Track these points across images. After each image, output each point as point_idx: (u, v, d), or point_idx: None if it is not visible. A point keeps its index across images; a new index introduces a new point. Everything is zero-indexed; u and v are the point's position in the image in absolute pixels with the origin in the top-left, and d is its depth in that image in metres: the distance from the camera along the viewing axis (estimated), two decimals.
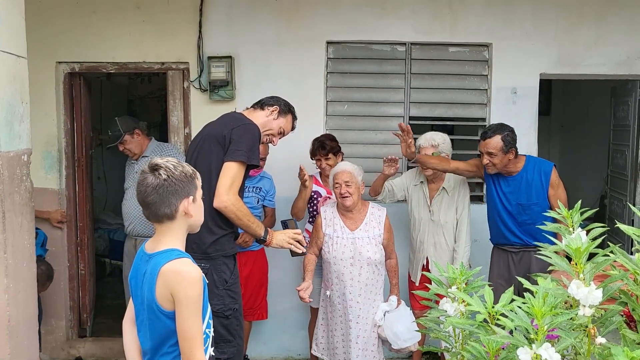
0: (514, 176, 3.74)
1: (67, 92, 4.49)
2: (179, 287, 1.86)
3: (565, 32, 4.48)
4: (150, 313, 1.93)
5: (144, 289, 1.94)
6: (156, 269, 1.90)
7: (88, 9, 4.37)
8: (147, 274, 1.93)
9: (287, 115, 3.16)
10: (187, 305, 1.86)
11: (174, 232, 1.99)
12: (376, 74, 4.52)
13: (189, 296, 1.86)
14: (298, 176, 3.86)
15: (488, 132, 3.66)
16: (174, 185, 1.93)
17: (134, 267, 2.06)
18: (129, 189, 4.21)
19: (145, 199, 1.94)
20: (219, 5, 4.39)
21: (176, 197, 1.94)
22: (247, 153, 2.82)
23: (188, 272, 1.89)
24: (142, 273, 1.97)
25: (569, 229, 1.72)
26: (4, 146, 2.45)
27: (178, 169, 1.96)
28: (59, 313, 4.54)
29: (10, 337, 2.48)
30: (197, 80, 4.40)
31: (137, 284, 2.02)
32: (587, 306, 1.38)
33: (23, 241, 2.61)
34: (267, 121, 3.09)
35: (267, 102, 3.14)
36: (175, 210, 1.95)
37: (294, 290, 4.45)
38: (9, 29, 2.50)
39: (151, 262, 1.94)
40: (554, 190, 3.68)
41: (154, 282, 1.89)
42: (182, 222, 1.99)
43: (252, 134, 2.89)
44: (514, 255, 3.82)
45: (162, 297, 1.89)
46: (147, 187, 1.93)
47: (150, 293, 1.91)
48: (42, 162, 4.38)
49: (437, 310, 1.85)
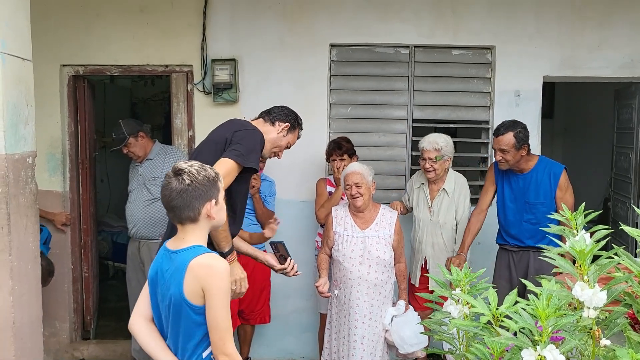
0: (524, 174, 3.78)
1: (71, 94, 4.50)
2: (210, 279, 1.92)
3: (568, 35, 4.48)
4: (176, 310, 1.97)
5: (170, 286, 1.98)
6: (184, 264, 1.95)
7: (92, 12, 4.39)
8: (173, 271, 1.98)
9: (296, 130, 3.09)
10: (219, 296, 1.92)
11: (196, 232, 2.06)
12: (379, 77, 4.53)
13: (220, 288, 1.93)
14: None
15: (500, 129, 3.69)
16: (197, 189, 2.00)
17: (155, 266, 2.10)
18: (132, 192, 4.21)
19: (169, 203, 2.01)
20: (223, 8, 4.41)
21: (199, 201, 2.01)
22: (244, 155, 2.73)
23: (218, 265, 1.96)
24: (166, 271, 2.02)
25: (572, 231, 1.72)
26: (9, 148, 2.46)
27: (201, 174, 2.03)
28: (62, 315, 4.55)
29: (15, 338, 2.48)
30: (200, 82, 4.42)
31: (159, 282, 2.05)
32: (592, 308, 1.38)
33: (28, 243, 2.62)
34: (277, 138, 3.02)
35: (278, 116, 3.04)
36: (199, 214, 2.02)
37: (298, 293, 4.49)
38: (15, 32, 2.52)
39: (177, 258, 1.99)
40: (562, 193, 3.70)
41: (182, 277, 1.94)
42: (204, 224, 2.07)
43: (253, 139, 2.83)
44: (514, 255, 3.87)
45: (191, 291, 1.94)
46: (171, 191, 2.00)
47: (177, 289, 1.95)
48: (46, 164, 4.39)
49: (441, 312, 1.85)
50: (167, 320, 2.04)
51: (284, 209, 4.18)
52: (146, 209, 4.07)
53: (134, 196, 4.16)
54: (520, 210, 3.78)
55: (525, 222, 3.76)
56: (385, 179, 4.51)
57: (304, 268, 4.29)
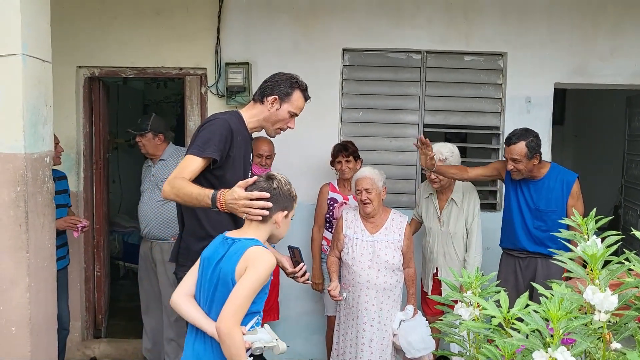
0: (535, 181, 3.76)
1: (86, 96, 4.57)
2: (253, 262, 2.15)
3: (580, 42, 4.49)
4: (223, 286, 2.19)
5: (222, 266, 2.21)
6: (243, 249, 2.19)
7: (109, 14, 4.46)
8: (230, 253, 2.21)
9: (292, 94, 2.80)
10: (251, 277, 2.12)
11: (260, 230, 2.29)
12: (391, 82, 4.56)
13: (256, 271, 2.13)
14: None
15: (512, 139, 3.66)
16: (278, 196, 2.28)
17: (211, 250, 2.30)
18: (145, 192, 4.25)
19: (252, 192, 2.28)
20: (237, 12, 4.45)
21: (276, 206, 2.27)
22: (200, 147, 2.59)
23: (267, 258, 2.19)
24: (221, 254, 2.24)
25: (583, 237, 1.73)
26: (29, 148, 2.51)
27: (287, 187, 2.33)
28: (75, 314, 4.58)
29: (31, 334, 2.53)
30: (214, 85, 4.47)
31: (212, 263, 2.26)
32: (603, 312, 1.40)
33: (44, 241, 2.67)
34: (271, 114, 2.79)
35: (264, 92, 2.81)
36: (270, 216, 2.27)
37: (306, 295, 4.52)
38: (36, 34, 2.57)
39: (237, 244, 2.23)
40: (574, 201, 3.69)
41: (238, 259, 2.17)
42: (269, 227, 2.31)
43: (209, 130, 2.65)
44: (521, 261, 3.85)
45: (239, 273, 2.16)
46: (258, 189, 2.28)
47: (229, 267, 2.18)
48: (62, 164, 4.43)
49: (452, 315, 1.87)
50: (212, 296, 2.24)
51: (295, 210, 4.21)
52: (158, 209, 4.11)
53: (147, 197, 4.20)
54: (530, 216, 3.76)
55: (535, 228, 3.75)
56: (396, 183, 4.54)
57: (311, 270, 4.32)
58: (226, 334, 2.09)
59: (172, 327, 4.16)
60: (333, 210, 4.10)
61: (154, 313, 4.34)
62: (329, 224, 4.15)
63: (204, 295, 2.28)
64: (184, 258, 2.77)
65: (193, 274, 2.36)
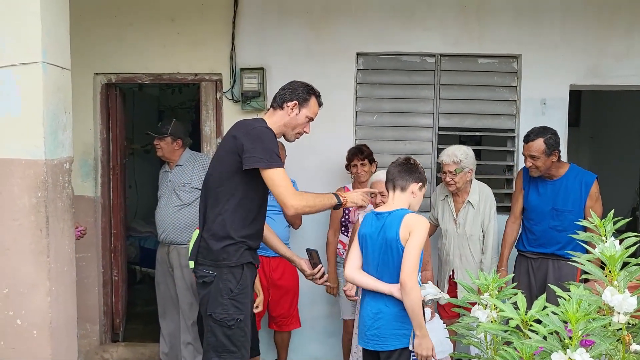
0: (553, 180, 3.76)
1: (103, 102, 4.62)
2: (417, 226, 2.70)
3: (595, 43, 4.46)
4: (391, 251, 2.73)
5: (386, 235, 2.74)
6: (400, 218, 2.73)
7: (125, 21, 4.51)
8: (388, 223, 2.75)
9: (309, 100, 2.95)
10: (417, 238, 2.68)
11: (402, 199, 2.84)
12: (405, 85, 4.56)
13: (420, 233, 2.69)
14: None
15: (530, 136, 3.68)
16: (414, 170, 2.88)
17: (368, 225, 2.85)
18: (162, 197, 4.29)
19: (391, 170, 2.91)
20: (251, 18, 4.49)
21: (412, 177, 2.85)
22: (277, 159, 2.75)
23: (423, 220, 2.76)
24: (380, 226, 2.78)
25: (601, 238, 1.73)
26: (49, 154, 2.54)
27: (420, 165, 2.95)
28: (93, 318, 4.64)
29: (52, 338, 2.56)
30: (229, 91, 4.50)
31: (373, 236, 2.80)
32: (622, 313, 1.40)
33: (64, 246, 2.70)
34: (291, 120, 2.92)
35: (283, 98, 2.93)
36: (407, 186, 2.84)
37: (323, 298, 4.52)
38: (55, 42, 2.61)
39: (392, 215, 2.78)
40: (592, 202, 3.68)
41: (398, 226, 2.71)
42: (408, 198, 2.86)
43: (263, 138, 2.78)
44: (533, 262, 3.86)
45: (403, 237, 2.70)
46: (396, 166, 2.90)
47: (393, 234, 2.72)
48: (79, 170, 4.50)
49: (469, 317, 1.87)
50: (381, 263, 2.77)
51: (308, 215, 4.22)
52: (176, 214, 4.15)
53: (164, 202, 4.24)
54: (547, 216, 3.76)
55: (551, 228, 3.75)
56: None
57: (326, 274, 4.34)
58: (411, 287, 2.59)
59: (189, 331, 4.19)
60: (348, 213, 4.11)
61: (171, 317, 4.37)
62: (344, 227, 4.16)
63: (372, 264, 2.81)
64: (203, 257, 2.87)
65: (356, 251, 2.88)
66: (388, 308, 2.76)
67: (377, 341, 2.81)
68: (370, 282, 2.80)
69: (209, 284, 2.85)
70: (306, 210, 2.81)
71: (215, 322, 2.83)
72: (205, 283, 2.86)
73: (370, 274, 2.81)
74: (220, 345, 2.83)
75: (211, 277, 2.84)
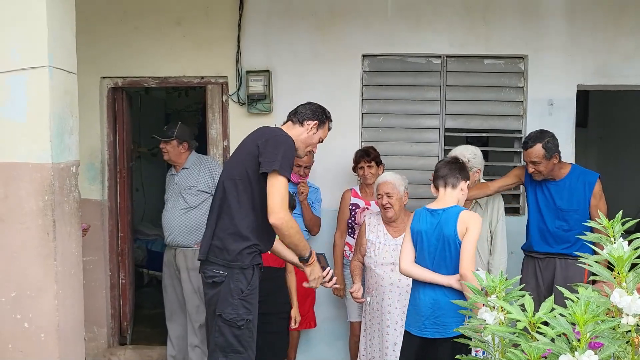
0: (557, 182, 3.75)
1: (110, 106, 4.64)
2: (472, 222, 2.91)
3: (602, 43, 4.44)
4: (448, 246, 2.93)
5: (442, 231, 2.94)
6: (456, 214, 2.94)
7: (131, 25, 4.52)
8: (444, 220, 2.95)
9: (325, 124, 3.13)
10: (474, 233, 2.89)
11: (453, 197, 3.03)
12: (412, 86, 4.55)
13: (476, 229, 2.91)
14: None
15: (529, 142, 3.67)
16: (463, 169, 3.10)
17: (423, 222, 3.02)
18: (168, 200, 4.29)
19: (442, 169, 3.09)
20: (257, 21, 4.49)
21: (461, 175, 3.06)
22: (285, 167, 2.82)
23: (477, 216, 3.00)
24: (436, 222, 2.97)
25: (610, 239, 1.72)
26: (55, 158, 2.55)
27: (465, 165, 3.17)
28: (100, 320, 4.65)
29: (59, 341, 2.57)
30: (235, 94, 4.50)
31: (429, 232, 2.98)
32: (631, 315, 1.38)
33: (71, 249, 2.71)
34: (308, 137, 3.07)
35: (306, 115, 3.07)
36: (458, 183, 3.04)
37: (330, 301, 4.51)
38: (61, 46, 2.63)
39: (447, 212, 2.97)
40: (596, 201, 3.67)
41: (455, 222, 2.92)
42: (457, 195, 3.04)
43: (285, 145, 2.89)
44: (540, 262, 3.84)
45: (460, 232, 2.91)
46: (447, 164, 3.10)
47: (451, 230, 2.92)
48: (86, 173, 4.51)
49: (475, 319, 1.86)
50: (438, 257, 2.95)
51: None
52: (182, 217, 4.15)
53: (170, 205, 4.24)
54: (552, 216, 3.75)
55: (557, 228, 3.74)
56: (417, 188, 4.50)
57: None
58: (471, 279, 2.62)
59: (196, 334, 4.19)
60: (355, 215, 4.11)
61: (178, 320, 4.38)
62: (351, 229, 4.15)
63: (428, 258, 2.98)
64: (215, 256, 2.89)
65: (409, 245, 3.06)
66: (447, 298, 2.90)
67: (437, 329, 2.97)
68: (427, 274, 2.97)
69: (219, 284, 2.86)
70: (287, 228, 2.82)
71: (224, 322, 2.84)
72: (215, 283, 2.88)
73: (425, 266, 2.98)
74: (228, 345, 2.84)
75: (222, 278, 2.85)
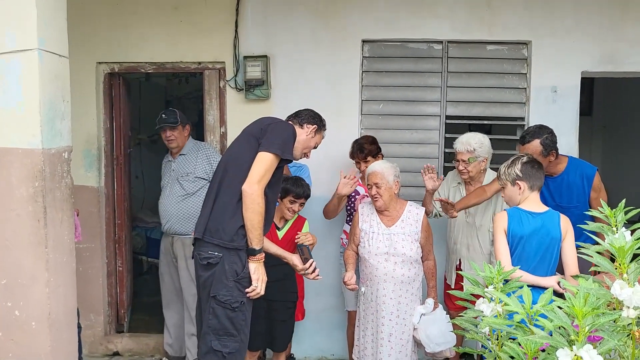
0: (554, 177, 3.68)
1: (107, 92, 4.58)
2: (570, 226, 2.99)
3: (608, 29, 4.35)
4: (551, 248, 2.98)
5: (550, 234, 2.96)
6: (557, 218, 3.00)
7: (127, 10, 4.46)
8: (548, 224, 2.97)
9: (322, 131, 3.30)
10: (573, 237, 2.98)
11: (538, 199, 3.07)
12: (412, 73, 4.48)
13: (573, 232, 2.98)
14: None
15: (526, 137, 3.59)
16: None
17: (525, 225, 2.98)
18: (165, 187, 4.25)
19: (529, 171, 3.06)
20: (255, 5, 4.42)
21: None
22: (281, 147, 2.88)
23: (568, 219, 3.02)
24: (540, 225, 2.97)
25: (612, 229, 1.66)
26: (46, 143, 2.51)
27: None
28: (97, 308, 4.63)
29: (51, 330, 2.54)
30: (233, 79, 4.44)
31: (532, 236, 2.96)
32: (632, 307, 1.33)
33: (63, 236, 2.67)
34: (306, 140, 3.19)
35: (306, 119, 3.21)
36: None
37: (328, 291, 4.48)
38: (52, 29, 2.57)
39: (547, 215, 3.01)
40: (596, 194, 3.64)
41: (559, 226, 2.98)
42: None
43: (287, 130, 3.00)
44: None
45: (563, 236, 2.97)
46: (533, 166, 3.06)
47: (557, 234, 2.97)
48: (83, 160, 4.48)
49: (473, 311, 1.81)
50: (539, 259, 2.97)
51: (313, 206, 4.16)
52: (179, 204, 4.11)
53: (167, 192, 4.20)
54: None
55: None
56: (418, 176, 4.43)
57: (331, 264, 4.30)
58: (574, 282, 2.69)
59: (194, 322, 4.15)
60: (354, 202, 4.05)
61: (175, 308, 4.35)
62: (349, 217, 4.10)
63: (530, 259, 2.98)
64: (210, 236, 2.88)
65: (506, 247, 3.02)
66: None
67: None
68: (530, 277, 2.94)
69: (214, 265, 2.85)
70: (252, 202, 2.80)
71: (219, 303, 2.84)
72: (209, 264, 2.86)
73: (523, 269, 2.92)
74: (221, 327, 2.84)
75: (217, 259, 2.84)
